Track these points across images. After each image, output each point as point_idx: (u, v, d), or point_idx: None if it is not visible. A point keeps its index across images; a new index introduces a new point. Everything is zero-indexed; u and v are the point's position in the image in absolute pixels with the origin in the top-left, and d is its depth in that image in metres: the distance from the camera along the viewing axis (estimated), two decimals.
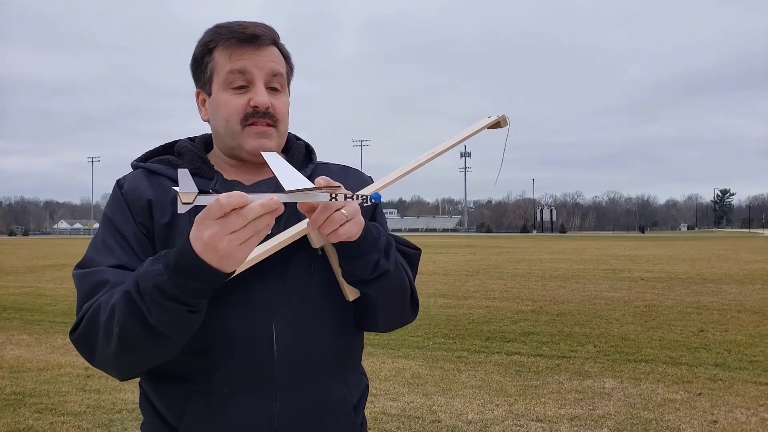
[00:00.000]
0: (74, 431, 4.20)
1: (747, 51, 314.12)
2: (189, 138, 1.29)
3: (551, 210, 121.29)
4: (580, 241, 46.08)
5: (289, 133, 1.31)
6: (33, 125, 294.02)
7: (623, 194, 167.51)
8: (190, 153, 1.22)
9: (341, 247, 1.09)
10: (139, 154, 1.28)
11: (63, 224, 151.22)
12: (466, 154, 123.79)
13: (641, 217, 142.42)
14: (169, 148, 1.28)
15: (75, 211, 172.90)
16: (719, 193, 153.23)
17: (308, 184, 1.00)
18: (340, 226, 1.01)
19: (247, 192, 0.92)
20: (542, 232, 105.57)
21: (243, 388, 1.10)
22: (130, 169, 1.26)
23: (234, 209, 0.89)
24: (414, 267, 1.29)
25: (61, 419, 4.41)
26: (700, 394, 4.99)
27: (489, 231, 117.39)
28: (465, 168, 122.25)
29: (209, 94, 1.20)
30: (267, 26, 1.19)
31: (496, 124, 1.32)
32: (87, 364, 5.00)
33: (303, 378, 1.13)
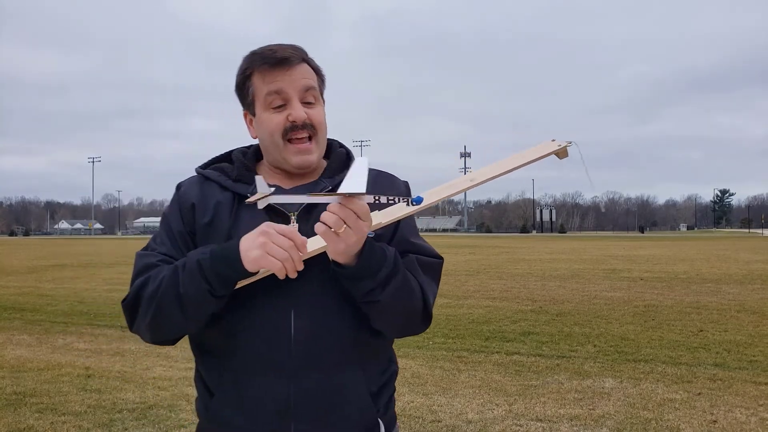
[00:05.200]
0: (75, 431, 4.20)
1: (749, 48, 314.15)
2: (246, 147, 1.47)
3: (551, 210, 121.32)
4: (579, 241, 46.09)
5: (333, 140, 1.46)
6: (29, 124, 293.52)
7: (623, 194, 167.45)
8: (238, 162, 1.40)
9: (336, 265, 1.19)
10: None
11: (64, 224, 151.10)
12: (465, 155, 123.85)
13: (641, 217, 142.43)
14: (227, 156, 1.45)
15: (75, 212, 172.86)
16: (719, 193, 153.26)
17: (359, 189, 1.12)
18: (339, 230, 1.11)
19: (284, 193, 1.18)
20: (542, 232, 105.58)
21: (262, 369, 1.24)
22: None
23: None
24: (437, 277, 1.37)
25: (61, 419, 4.42)
26: (699, 393, 4.99)
27: (489, 231, 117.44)
28: (465, 168, 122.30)
29: (254, 115, 1.37)
30: (295, 46, 1.34)
31: (555, 153, 1.22)
32: (87, 363, 5.02)
33: (318, 363, 1.24)
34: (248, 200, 1.15)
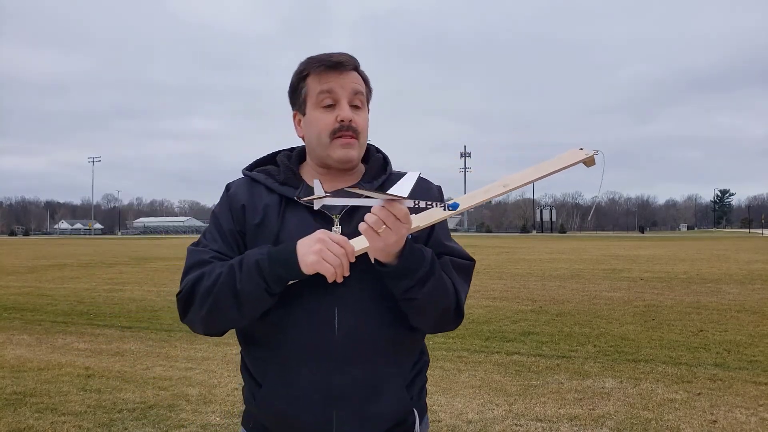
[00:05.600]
0: (75, 431, 4.20)
1: (749, 48, 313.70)
2: (289, 149, 1.57)
3: (551, 210, 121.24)
4: (579, 241, 46.08)
5: (371, 145, 1.55)
6: (29, 124, 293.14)
7: (623, 194, 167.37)
8: (284, 165, 1.49)
9: (378, 264, 1.29)
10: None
11: (63, 224, 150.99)
12: (465, 154, 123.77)
13: (641, 217, 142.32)
14: (272, 158, 1.55)
15: (75, 211, 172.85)
16: (719, 193, 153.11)
17: (401, 195, 1.21)
18: (379, 229, 1.21)
19: (324, 196, 1.24)
20: (542, 232, 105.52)
21: (308, 362, 1.34)
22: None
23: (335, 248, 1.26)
24: (468, 278, 1.46)
25: (61, 419, 4.42)
26: (699, 393, 4.99)
27: (489, 231, 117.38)
28: (465, 168, 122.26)
29: (304, 114, 1.46)
30: (349, 55, 1.44)
31: (583, 162, 1.30)
32: (87, 363, 5.02)
33: (359, 357, 1.34)
34: (304, 199, 1.28)
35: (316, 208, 1.22)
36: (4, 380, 5.49)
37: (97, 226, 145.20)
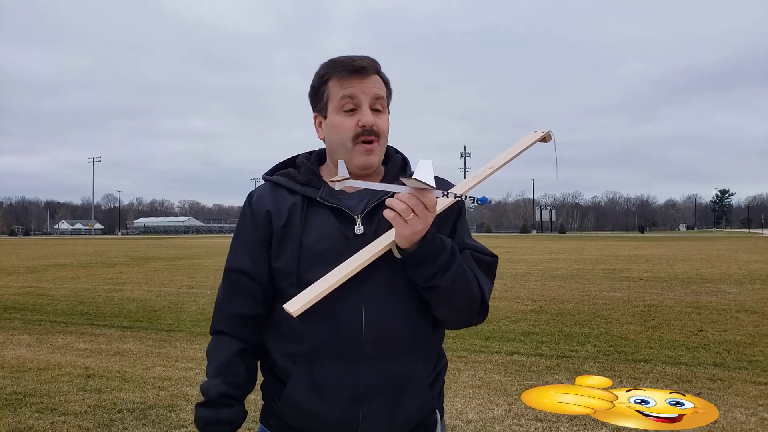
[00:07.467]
0: (75, 431, 4.20)
1: (749, 48, 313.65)
2: (308, 152, 1.58)
3: (551, 210, 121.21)
4: (579, 241, 46.08)
5: (390, 146, 1.57)
6: (29, 124, 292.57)
7: (623, 194, 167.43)
8: (305, 167, 1.50)
9: (402, 251, 1.33)
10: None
11: (64, 224, 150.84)
12: (465, 155, 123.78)
13: (641, 217, 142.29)
14: (292, 161, 1.57)
15: (76, 211, 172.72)
16: (718, 193, 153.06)
17: (431, 183, 1.24)
18: (407, 217, 1.25)
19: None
20: (542, 232, 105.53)
21: (336, 360, 1.35)
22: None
23: None
24: (492, 273, 1.49)
25: (61, 419, 4.42)
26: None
27: (489, 231, 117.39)
28: (465, 168, 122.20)
29: (325, 117, 1.46)
30: (371, 58, 1.46)
31: (542, 140, 1.54)
32: (87, 363, 5.03)
33: (385, 354, 1.36)
34: (332, 179, 1.28)
35: (337, 189, 1.26)
36: (4, 380, 5.49)
37: (97, 226, 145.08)
